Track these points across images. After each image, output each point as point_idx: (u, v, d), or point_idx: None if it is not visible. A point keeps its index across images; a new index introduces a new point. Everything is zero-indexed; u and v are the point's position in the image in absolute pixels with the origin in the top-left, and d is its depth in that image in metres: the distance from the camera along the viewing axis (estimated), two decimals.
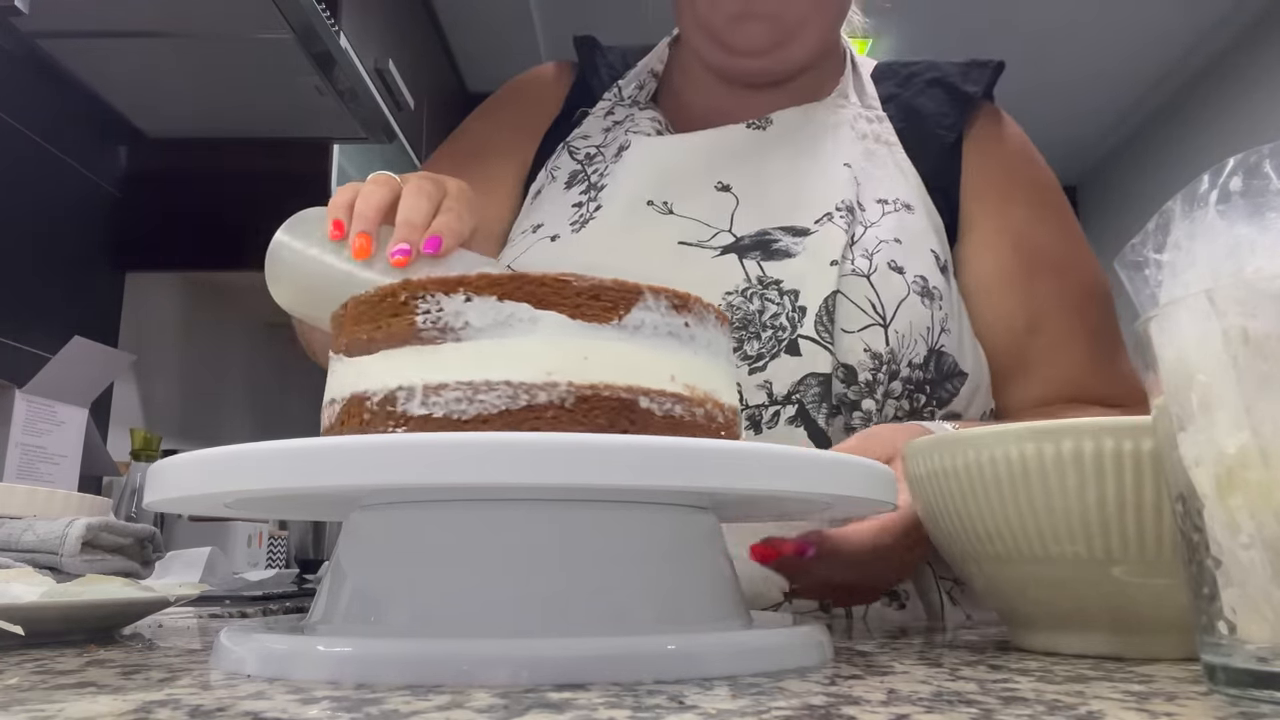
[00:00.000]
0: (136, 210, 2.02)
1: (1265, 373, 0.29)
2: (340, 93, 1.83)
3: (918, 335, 0.73)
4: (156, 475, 0.38)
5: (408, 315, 0.38)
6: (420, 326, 0.38)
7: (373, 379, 0.39)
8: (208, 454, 0.35)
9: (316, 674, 0.33)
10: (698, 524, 0.40)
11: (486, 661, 0.32)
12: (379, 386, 0.38)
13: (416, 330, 0.38)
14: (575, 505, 0.37)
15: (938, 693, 0.31)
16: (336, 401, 0.40)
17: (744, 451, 0.35)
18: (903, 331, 0.72)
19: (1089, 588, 0.42)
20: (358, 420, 0.39)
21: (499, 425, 0.36)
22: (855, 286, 0.72)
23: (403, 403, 0.37)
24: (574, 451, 0.32)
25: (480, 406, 0.37)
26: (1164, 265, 0.35)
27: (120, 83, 1.78)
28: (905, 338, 0.72)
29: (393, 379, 0.38)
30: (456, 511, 0.37)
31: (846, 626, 0.61)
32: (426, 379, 0.37)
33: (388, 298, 0.39)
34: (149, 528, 0.65)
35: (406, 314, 0.39)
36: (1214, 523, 0.30)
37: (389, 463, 0.32)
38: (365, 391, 0.39)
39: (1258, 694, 0.29)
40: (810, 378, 0.70)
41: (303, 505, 0.45)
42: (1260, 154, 0.33)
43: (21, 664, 0.37)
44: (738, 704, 0.29)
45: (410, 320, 0.38)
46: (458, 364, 0.37)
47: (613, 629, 0.35)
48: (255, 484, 0.34)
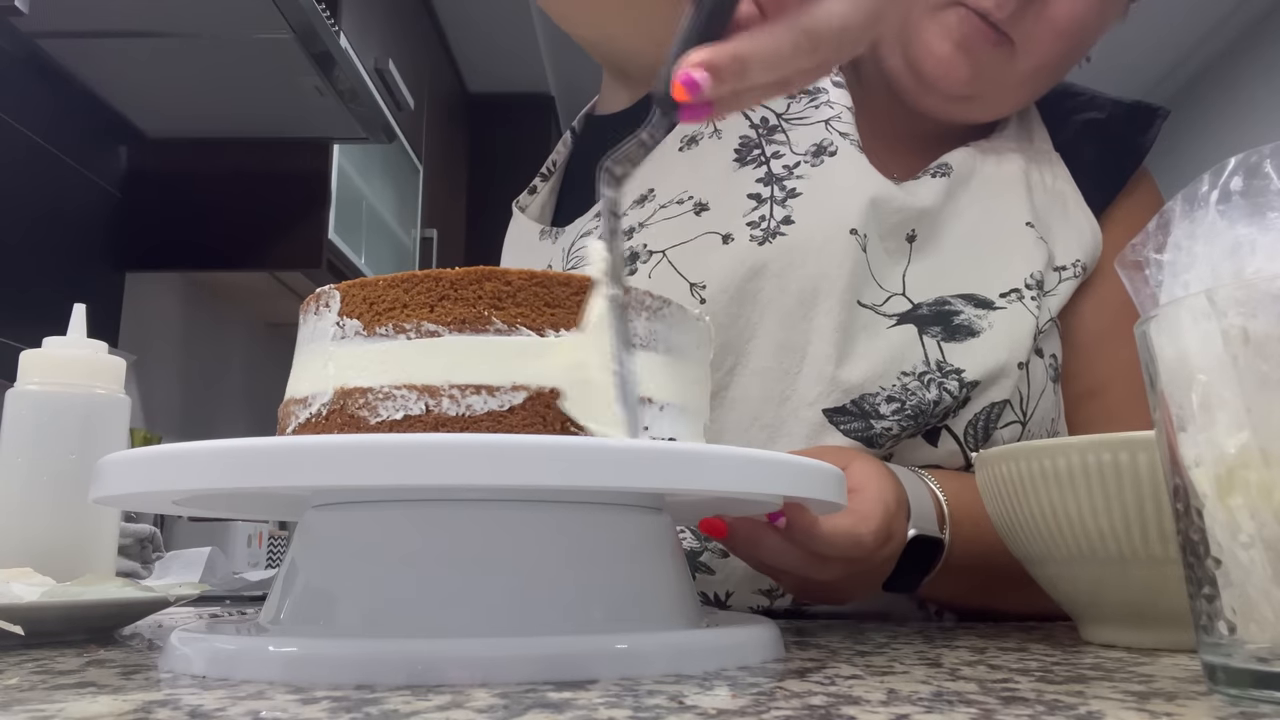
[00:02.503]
0: (136, 210, 2.02)
1: (1265, 373, 0.29)
2: (340, 93, 1.83)
3: (1044, 429, 0.69)
4: (102, 472, 0.38)
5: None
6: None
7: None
8: (151, 451, 0.35)
9: (265, 674, 0.32)
10: (651, 525, 0.40)
11: (437, 661, 0.32)
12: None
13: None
14: (527, 506, 0.37)
15: (938, 693, 0.31)
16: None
17: (693, 453, 0.35)
18: (1034, 429, 0.68)
19: (1162, 585, 0.43)
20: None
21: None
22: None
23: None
24: (522, 452, 0.32)
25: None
26: (1164, 265, 0.35)
27: (120, 83, 1.78)
28: (1033, 434, 0.68)
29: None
30: (409, 512, 0.37)
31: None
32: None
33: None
34: (149, 528, 0.66)
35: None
36: (1214, 523, 0.30)
37: (331, 464, 0.32)
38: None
39: (1258, 694, 0.29)
40: (931, 468, 0.65)
41: (255, 504, 0.45)
42: (1260, 154, 0.33)
43: (21, 664, 0.37)
44: (738, 704, 0.29)
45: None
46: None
47: (565, 629, 0.35)
48: (196, 483, 0.34)
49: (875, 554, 0.54)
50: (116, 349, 0.78)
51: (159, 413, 2.18)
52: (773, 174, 0.70)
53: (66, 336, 0.57)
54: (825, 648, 0.44)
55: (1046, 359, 0.70)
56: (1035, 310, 0.69)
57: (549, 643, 0.33)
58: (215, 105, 1.90)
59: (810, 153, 0.71)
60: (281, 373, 0.43)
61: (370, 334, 0.38)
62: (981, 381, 0.66)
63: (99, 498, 0.38)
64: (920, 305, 0.68)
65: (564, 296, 0.38)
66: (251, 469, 0.33)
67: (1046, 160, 0.78)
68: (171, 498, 0.39)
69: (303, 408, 0.39)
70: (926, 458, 0.66)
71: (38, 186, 1.73)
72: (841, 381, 0.64)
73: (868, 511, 0.53)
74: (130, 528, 0.98)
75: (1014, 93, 0.73)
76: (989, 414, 0.66)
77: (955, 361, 0.66)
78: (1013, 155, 0.76)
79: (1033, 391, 0.68)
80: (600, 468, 0.33)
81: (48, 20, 1.54)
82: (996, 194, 0.74)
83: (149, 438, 1.79)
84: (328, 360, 0.39)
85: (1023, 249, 0.71)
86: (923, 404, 0.64)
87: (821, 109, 0.73)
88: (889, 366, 0.65)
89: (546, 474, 0.32)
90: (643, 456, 0.34)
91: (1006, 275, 0.70)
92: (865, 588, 0.59)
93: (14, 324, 1.61)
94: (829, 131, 0.72)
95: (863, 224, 0.67)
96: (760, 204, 0.69)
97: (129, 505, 0.44)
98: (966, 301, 0.68)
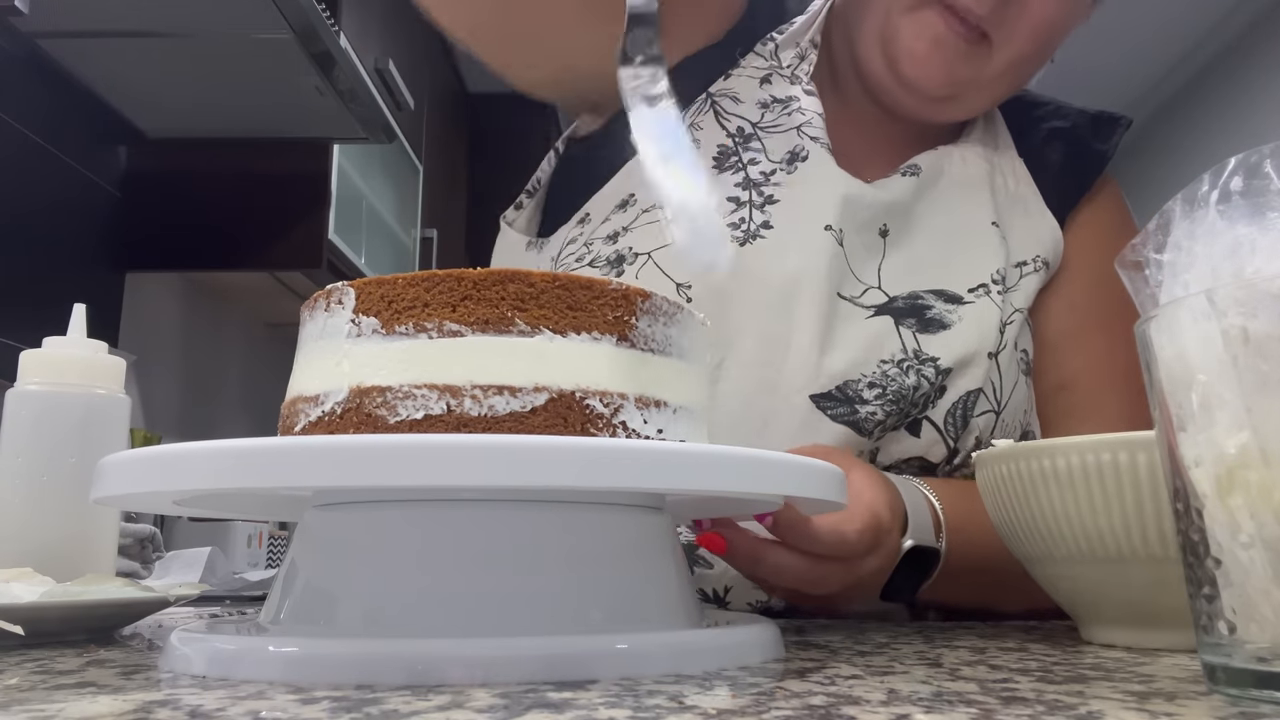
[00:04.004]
0: (136, 210, 2.02)
1: (1265, 373, 0.29)
2: (340, 93, 1.83)
3: (1018, 420, 0.71)
4: (103, 472, 0.38)
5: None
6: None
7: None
8: (152, 451, 0.35)
9: (265, 674, 0.32)
10: (651, 524, 0.40)
11: (437, 661, 0.32)
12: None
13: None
14: (527, 506, 0.37)
15: (938, 693, 0.31)
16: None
17: (693, 453, 0.35)
18: (1009, 420, 0.70)
19: (1162, 585, 0.43)
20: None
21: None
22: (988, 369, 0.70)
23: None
24: (523, 453, 0.32)
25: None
26: (1164, 265, 0.35)
27: (120, 83, 1.78)
28: (1009, 425, 0.70)
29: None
30: (409, 512, 0.37)
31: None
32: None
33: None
34: (149, 528, 0.66)
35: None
36: (1214, 523, 0.30)
37: (331, 464, 0.32)
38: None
39: (1258, 694, 0.29)
40: (916, 460, 0.68)
41: (255, 504, 0.45)
42: (1260, 154, 0.33)
43: (21, 664, 0.37)
44: (738, 704, 0.29)
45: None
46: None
47: (565, 629, 0.35)
48: (196, 483, 0.34)
49: (864, 559, 0.54)
50: (116, 349, 0.78)
51: (159, 413, 2.18)
52: (750, 179, 0.73)
53: (66, 336, 0.57)
54: (825, 648, 0.44)
55: (1018, 353, 0.73)
56: (1000, 304, 0.72)
57: (549, 643, 0.33)
58: (215, 105, 1.90)
59: (785, 160, 0.74)
60: (281, 373, 0.43)
61: (389, 332, 0.38)
62: (954, 369, 0.68)
63: (99, 498, 0.38)
64: (896, 298, 0.71)
65: (586, 300, 0.39)
66: (251, 469, 0.33)
67: (1009, 164, 0.81)
68: (172, 498, 0.39)
69: (314, 405, 0.39)
70: (910, 449, 0.68)
71: (38, 186, 1.73)
72: (826, 368, 0.67)
73: (855, 512, 0.54)
74: (130, 528, 0.98)
75: (988, 90, 0.75)
76: (965, 402, 0.69)
77: (930, 350, 0.69)
78: (978, 159, 0.79)
79: (1005, 383, 0.71)
80: (601, 468, 0.33)
81: (48, 20, 1.54)
82: (963, 194, 0.76)
83: (149, 438, 1.79)
84: (342, 358, 0.39)
85: (989, 246, 0.74)
86: (903, 389, 0.67)
87: (794, 115, 0.76)
88: (869, 354, 0.68)
89: (548, 475, 0.32)
90: (643, 456, 0.34)
91: (974, 271, 0.73)
92: (860, 600, 0.60)
93: (14, 324, 1.61)
94: (801, 137, 0.75)
95: (837, 220, 0.71)
96: (740, 206, 0.72)
97: (129, 505, 0.44)
98: (937, 297, 0.71)
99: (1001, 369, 0.70)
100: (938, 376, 0.68)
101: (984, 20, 0.69)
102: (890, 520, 0.56)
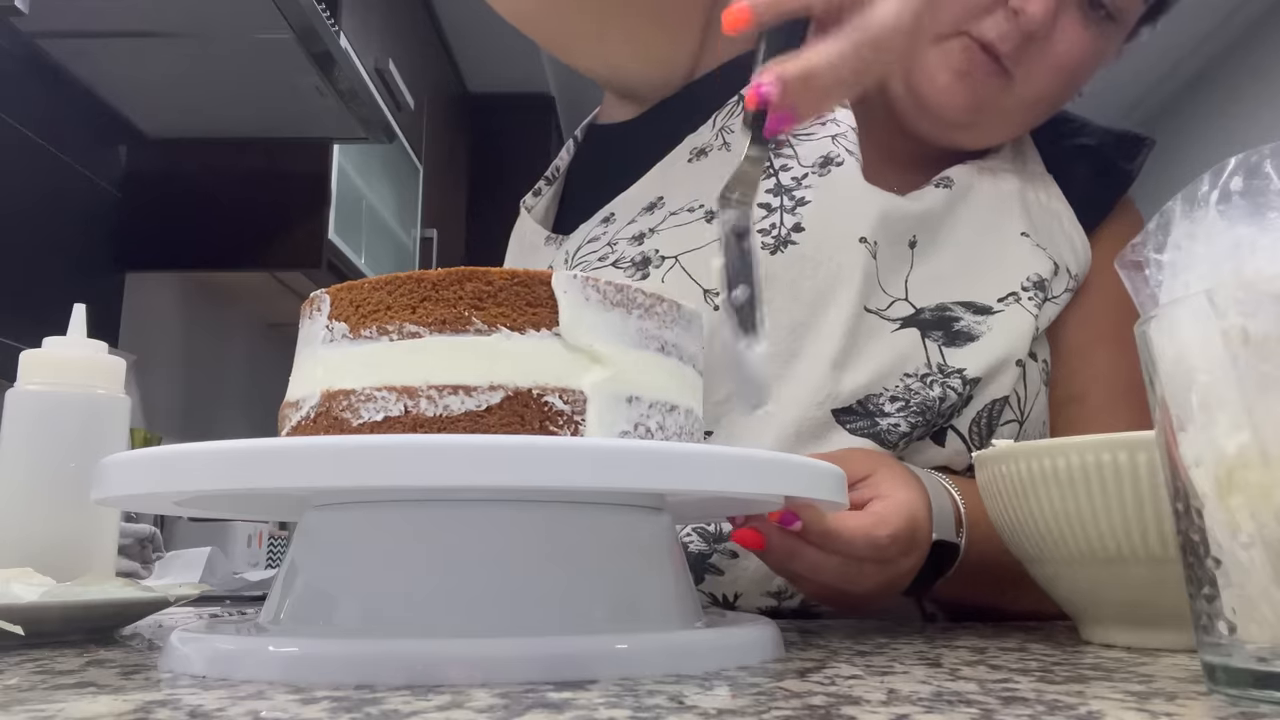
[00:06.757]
0: (136, 210, 2.02)
1: (1265, 373, 0.29)
2: (340, 93, 1.83)
3: (1037, 429, 0.71)
4: (103, 473, 0.38)
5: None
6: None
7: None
8: (152, 452, 0.35)
9: (265, 674, 0.32)
10: (651, 525, 0.40)
11: (437, 661, 0.32)
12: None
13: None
14: (528, 506, 0.37)
15: (938, 693, 0.31)
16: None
17: (693, 453, 0.35)
18: (1030, 430, 0.70)
19: (1162, 585, 0.43)
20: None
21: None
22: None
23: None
24: (525, 453, 0.32)
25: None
26: (1164, 265, 0.35)
27: (120, 83, 1.78)
28: (1029, 434, 0.70)
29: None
30: (409, 512, 0.37)
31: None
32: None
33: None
34: (149, 528, 0.66)
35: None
36: (1214, 523, 0.30)
37: (331, 464, 0.32)
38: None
39: (1258, 694, 0.29)
40: (940, 470, 0.66)
41: (255, 504, 0.45)
42: (1260, 154, 0.33)
43: (21, 664, 0.37)
44: (738, 704, 0.29)
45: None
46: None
47: (565, 629, 0.35)
48: (197, 484, 0.34)
49: (897, 560, 0.55)
50: (116, 349, 0.78)
51: (159, 413, 2.18)
52: (781, 185, 0.72)
53: (66, 336, 0.57)
54: (825, 648, 0.44)
55: (1040, 363, 0.73)
56: (1035, 310, 0.71)
57: (549, 643, 0.33)
58: (215, 105, 1.90)
59: (817, 164, 0.72)
60: (282, 373, 0.43)
61: (355, 336, 0.38)
62: (983, 378, 0.68)
63: (100, 498, 0.38)
64: (922, 310, 0.69)
65: (546, 296, 0.38)
66: (251, 470, 0.33)
67: (1040, 181, 0.80)
68: (172, 498, 0.39)
69: (295, 411, 0.40)
70: (933, 459, 0.68)
71: (38, 186, 1.73)
72: (847, 384, 0.66)
73: (888, 516, 0.54)
74: (130, 528, 0.98)
75: (1010, 122, 0.75)
76: (991, 411, 0.68)
77: (955, 363, 0.68)
78: (1008, 175, 0.78)
79: (1029, 392, 0.70)
80: (601, 468, 0.33)
81: (48, 20, 1.54)
82: (994, 208, 0.76)
83: (149, 438, 1.79)
84: (317, 364, 0.39)
85: (1018, 255, 0.73)
86: (928, 400, 0.66)
87: (828, 125, 0.75)
88: (893, 369, 0.67)
89: (548, 475, 0.32)
90: (642, 456, 0.34)
91: (1004, 280, 0.72)
92: (889, 597, 0.60)
93: (14, 324, 1.61)
94: (835, 145, 0.73)
95: (872, 232, 0.69)
96: (770, 213, 0.70)
97: (130, 506, 0.44)
98: (966, 309, 0.70)
99: (1027, 379, 0.70)
100: (965, 387, 0.67)
101: (1006, 57, 0.69)
102: (926, 521, 0.57)
